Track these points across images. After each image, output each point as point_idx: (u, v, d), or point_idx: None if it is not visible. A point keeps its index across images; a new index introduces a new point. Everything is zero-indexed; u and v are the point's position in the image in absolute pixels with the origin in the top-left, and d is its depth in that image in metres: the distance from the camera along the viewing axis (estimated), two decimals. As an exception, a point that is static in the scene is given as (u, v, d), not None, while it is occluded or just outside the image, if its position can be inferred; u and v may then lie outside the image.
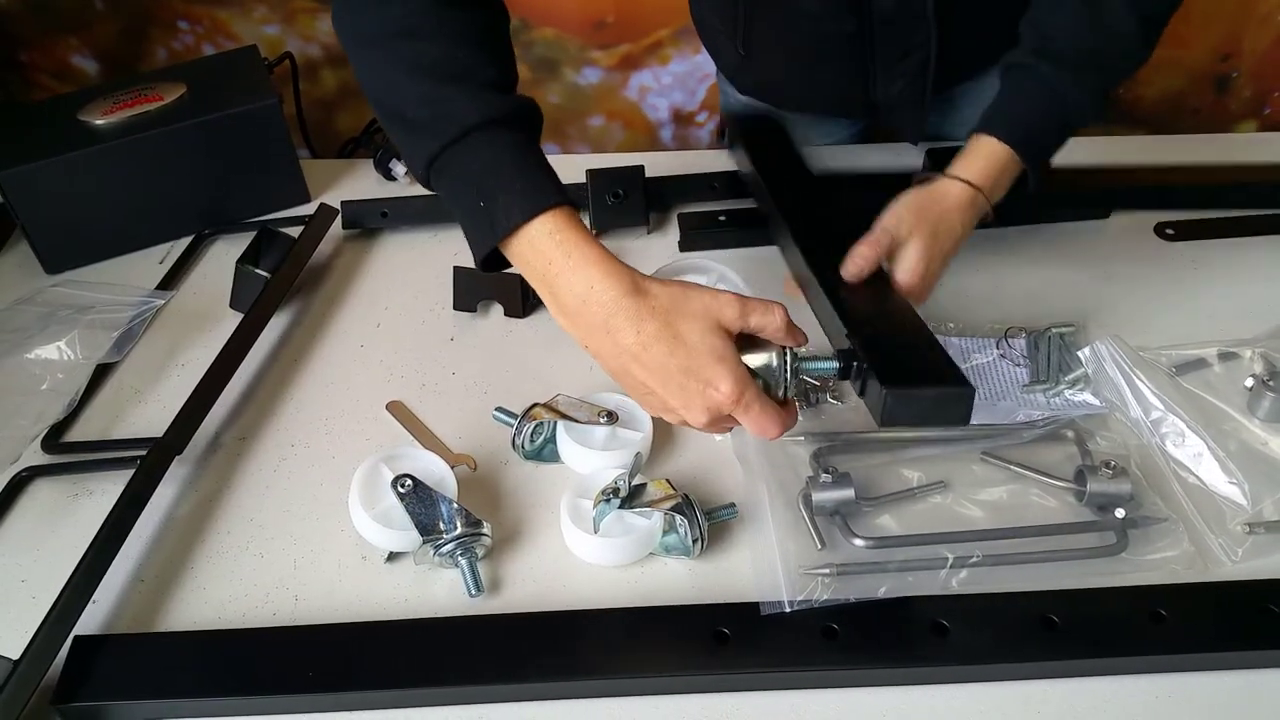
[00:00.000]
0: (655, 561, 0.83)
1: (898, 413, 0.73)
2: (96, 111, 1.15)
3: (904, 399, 0.72)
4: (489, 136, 0.74)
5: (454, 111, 0.74)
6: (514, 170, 0.75)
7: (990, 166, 0.90)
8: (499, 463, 0.91)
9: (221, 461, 0.93)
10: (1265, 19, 1.67)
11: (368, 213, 1.20)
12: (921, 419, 0.75)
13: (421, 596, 0.81)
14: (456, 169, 0.75)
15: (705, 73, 1.73)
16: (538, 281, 0.75)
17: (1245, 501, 0.84)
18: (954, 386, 0.73)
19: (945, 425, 0.76)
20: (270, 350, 1.04)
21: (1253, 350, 0.97)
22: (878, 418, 0.74)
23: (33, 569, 0.84)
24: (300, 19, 1.66)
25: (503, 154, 0.75)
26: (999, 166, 0.90)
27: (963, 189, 0.89)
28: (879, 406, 0.73)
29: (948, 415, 0.74)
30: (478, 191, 0.74)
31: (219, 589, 0.82)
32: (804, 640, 0.75)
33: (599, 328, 0.72)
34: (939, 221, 0.88)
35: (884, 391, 0.72)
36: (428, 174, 0.77)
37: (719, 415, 0.73)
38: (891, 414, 0.73)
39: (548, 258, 0.73)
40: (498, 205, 0.73)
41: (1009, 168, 0.91)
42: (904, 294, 0.86)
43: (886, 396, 0.72)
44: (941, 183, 0.91)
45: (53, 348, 0.99)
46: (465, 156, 0.75)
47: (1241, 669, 0.75)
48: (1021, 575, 0.79)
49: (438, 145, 0.75)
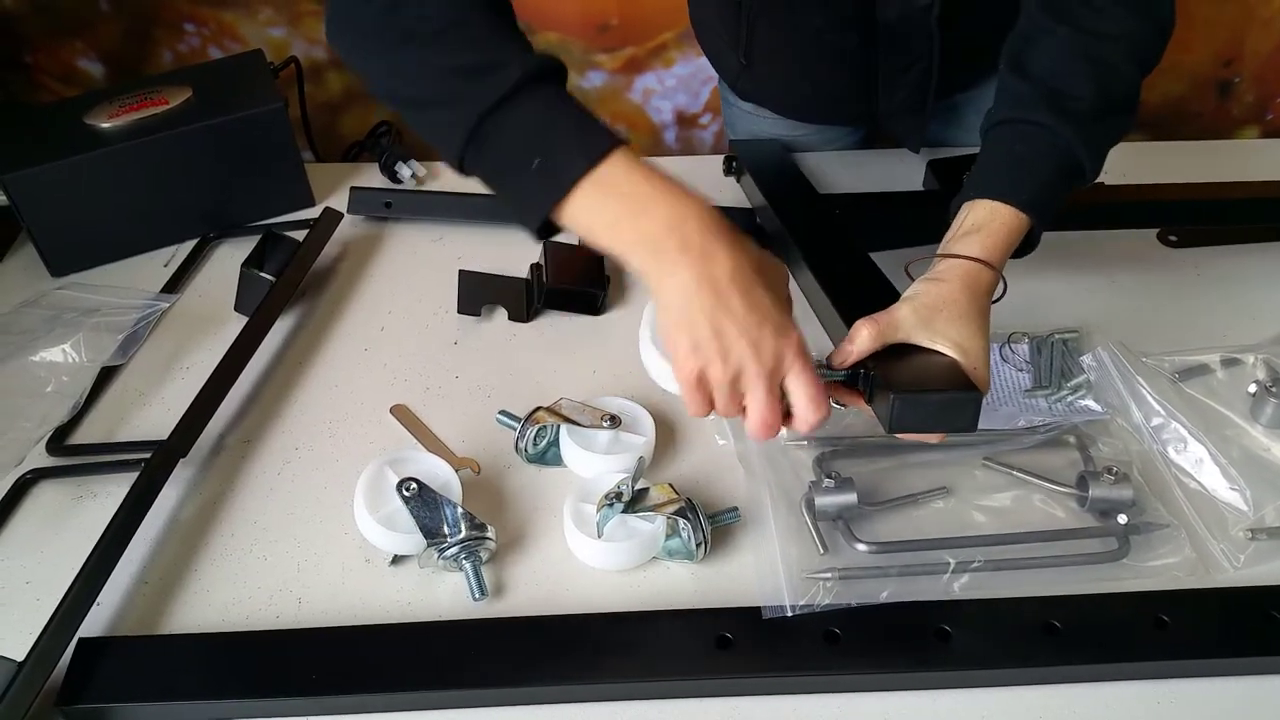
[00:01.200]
0: (658, 565, 0.83)
1: (906, 418, 0.73)
2: (102, 114, 1.15)
3: (912, 404, 0.72)
4: (534, 93, 0.71)
5: (496, 76, 0.71)
6: (569, 122, 0.72)
7: (1009, 242, 0.82)
8: (502, 466, 0.91)
9: (226, 464, 0.93)
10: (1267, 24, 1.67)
11: (372, 202, 1.21)
12: (930, 424, 0.74)
13: (425, 600, 0.81)
14: (503, 134, 0.72)
15: (709, 75, 1.73)
16: (611, 225, 0.70)
17: (1247, 507, 0.84)
18: (962, 392, 0.73)
19: (953, 430, 0.75)
20: (275, 353, 1.04)
21: (1255, 356, 0.97)
22: (886, 424, 0.73)
23: (37, 571, 0.84)
24: (306, 22, 1.66)
25: (552, 108, 0.72)
26: (1014, 237, 0.82)
27: (992, 275, 0.80)
28: (887, 412, 0.73)
29: (956, 420, 0.74)
30: (532, 149, 0.71)
31: (223, 591, 0.82)
32: (806, 645, 0.75)
33: (694, 252, 0.69)
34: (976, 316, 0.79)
35: (892, 397, 0.72)
36: (465, 150, 0.73)
37: (778, 368, 0.70)
38: (900, 419, 0.73)
39: (627, 194, 0.69)
40: (556, 159, 0.70)
41: (1020, 233, 0.82)
42: None
43: (895, 401, 0.72)
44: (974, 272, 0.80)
45: (58, 350, 0.99)
46: (512, 118, 0.71)
47: (1243, 675, 0.75)
48: (1023, 580, 0.80)
49: (485, 107, 0.71)
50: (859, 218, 1.11)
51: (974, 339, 0.77)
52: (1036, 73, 0.84)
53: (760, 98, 1.25)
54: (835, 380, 0.78)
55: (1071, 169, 0.83)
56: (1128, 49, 0.85)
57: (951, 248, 0.81)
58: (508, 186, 0.74)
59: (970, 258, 0.79)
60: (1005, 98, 0.86)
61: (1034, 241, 0.85)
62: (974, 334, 0.77)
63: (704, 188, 1.20)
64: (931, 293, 0.78)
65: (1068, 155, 0.83)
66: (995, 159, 0.85)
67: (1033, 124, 0.83)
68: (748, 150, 1.24)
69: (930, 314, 0.77)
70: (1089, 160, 0.83)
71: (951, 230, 0.83)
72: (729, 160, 1.25)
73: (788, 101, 1.24)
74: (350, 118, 1.76)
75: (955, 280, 0.79)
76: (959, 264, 0.80)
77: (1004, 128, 0.85)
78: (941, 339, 0.76)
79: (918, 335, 0.77)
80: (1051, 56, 0.85)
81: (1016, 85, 0.85)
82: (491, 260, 1.13)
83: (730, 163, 1.25)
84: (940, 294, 0.78)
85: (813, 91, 1.19)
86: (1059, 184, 0.83)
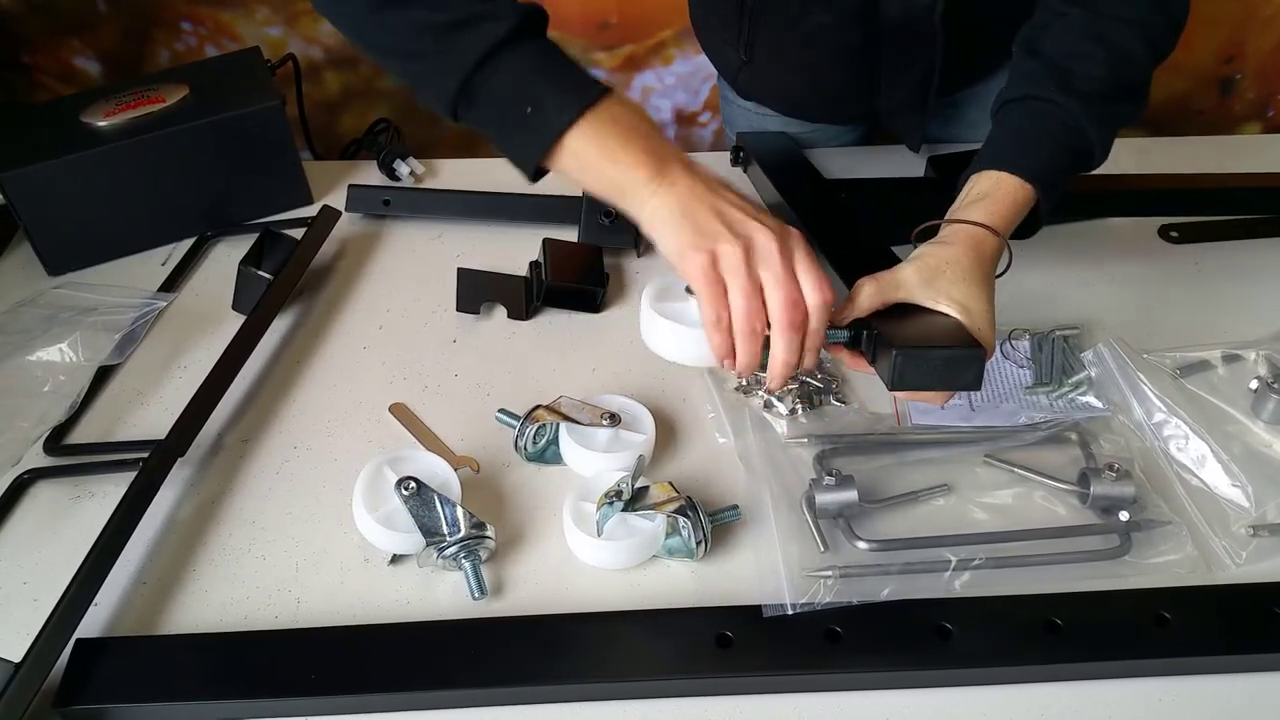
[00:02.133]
0: (658, 564, 0.83)
1: (908, 374, 0.73)
2: (99, 113, 1.15)
3: (915, 359, 0.73)
4: (522, 43, 0.76)
5: (485, 27, 0.75)
6: (558, 70, 0.76)
7: (1015, 212, 0.82)
8: (502, 465, 0.91)
9: (224, 464, 0.93)
10: (1269, 21, 1.66)
11: (371, 199, 1.21)
12: (932, 381, 0.74)
13: (424, 599, 0.81)
14: (497, 80, 0.76)
15: (708, 73, 1.73)
16: (606, 155, 0.75)
17: (1249, 504, 0.84)
18: (965, 348, 0.73)
19: (955, 389, 0.75)
20: (273, 352, 1.04)
21: (1257, 352, 0.97)
22: (889, 380, 0.74)
23: (34, 571, 0.84)
24: (303, 21, 1.65)
25: (541, 58, 0.76)
26: (1020, 208, 0.83)
27: (997, 242, 0.81)
28: (889, 368, 0.73)
29: (959, 378, 0.74)
30: (524, 97, 0.75)
31: (221, 591, 0.82)
32: (807, 643, 0.75)
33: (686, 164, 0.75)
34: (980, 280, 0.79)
35: (895, 353, 0.72)
36: (456, 101, 0.77)
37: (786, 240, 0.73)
38: (902, 375, 0.73)
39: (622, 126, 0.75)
40: (548, 105, 0.75)
41: (1026, 207, 0.83)
42: None
43: (897, 357, 0.72)
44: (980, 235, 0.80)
45: (55, 350, 0.99)
46: (504, 67, 0.75)
47: (1245, 672, 0.75)
48: (1025, 578, 0.79)
49: (476, 57, 0.75)
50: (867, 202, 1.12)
51: (978, 300, 0.77)
52: (1049, 52, 0.86)
53: (760, 95, 1.25)
54: (838, 341, 0.78)
55: (1079, 147, 0.84)
56: (1141, 35, 0.86)
57: (957, 214, 0.82)
58: (503, 134, 0.77)
59: (975, 223, 0.80)
60: (1016, 77, 0.87)
61: (1039, 219, 0.85)
62: (978, 295, 0.78)
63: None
64: (936, 254, 0.79)
65: (1076, 133, 0.83)
66: (1003, 134, 0.86)
67: (1042, 100, 0.84)
68: (756, 141, 1.25)
69: (933, 274, 0.78)
70: (1098, 139, 0.84)
71: (958, 200, 0.84)
72: (736, 150, 1.26)
73: (788, 99, 1.24)
74: (348, 116, 1.76)
75: (960, 243, 0.79)
76: (964, 228, 0.80)
77: (1014, 104, 0.86)
78: (945, 299, 0.77)
79: (920, 295, 0.78)
80: (1065, 37, 0.86)
81: (1029, 65, 0.86)
82: (490, 258, 1.13)
83: (737, 153, 1.26)
84: (944, 255, 0.79)
85: (814, 89, 1.19)
86: (1066, 161, 0.84)
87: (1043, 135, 0.84)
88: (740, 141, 1.26)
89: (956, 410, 0.93)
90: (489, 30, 0.75)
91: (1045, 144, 0.84)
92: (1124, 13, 0.85)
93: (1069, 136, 0.84)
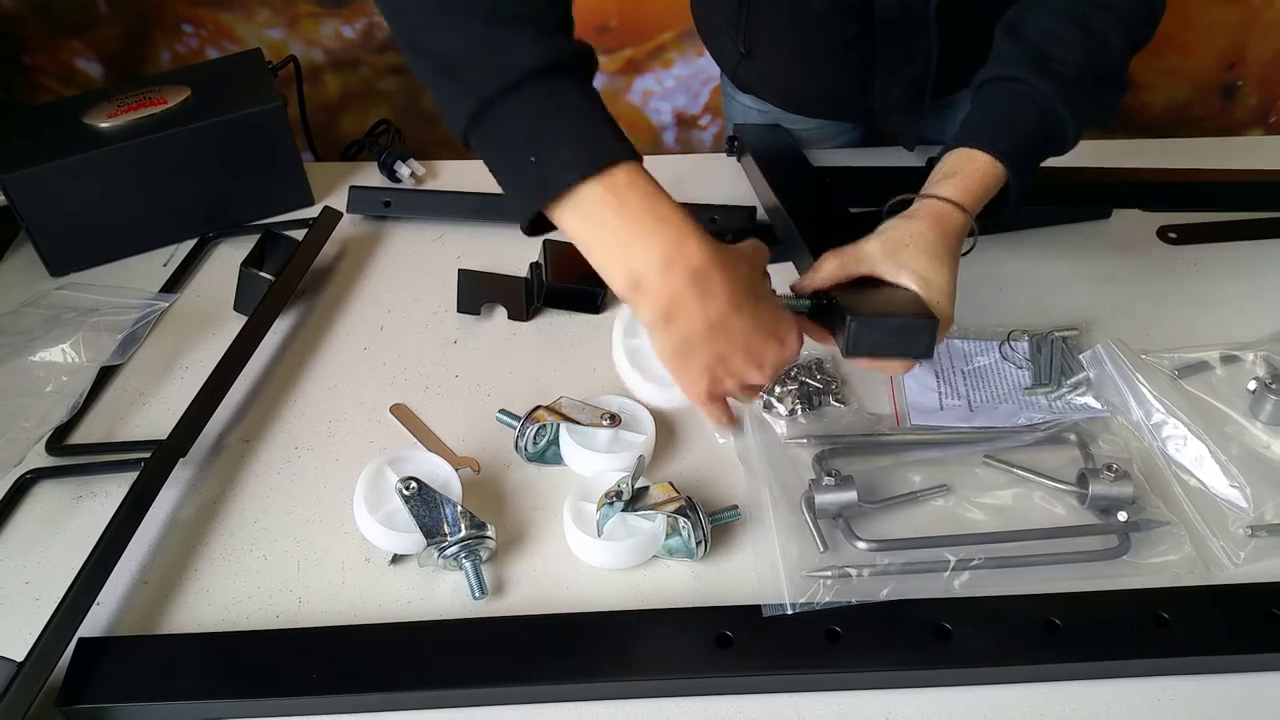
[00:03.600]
0: (658, 564, 0.83)
1: (862, 339, 0.76)
2: (101, 114, 1.15)
3: (868, 325, 0.75)
4: (544, 83, 0.66)
5: (512, 55, 0.66)
6: (574, 122, 0.67)
7: (984, 189, 0.83)
8: (502, 465, 0.91)
9: (225, 464, 0.93)
10: (1270, 27, 1.66)
11: (371, 200, 1.21)
12: (885, 348, 0.77)
13: (425, 599, 0.81)
14: (506, 120, 0.67)
15: (708, 76, 1.73)
16: (600, 245, 0.67)
17: (1247, 505, 0.84)
18: (918, 318, 0.76)
19: (909, 356, 0.78)
20: (274, 353, 1.04)
21: (1255, 353, 0.97)
22: (843, 346, 0.76)
23: (37, 571, 0.84)
24: (304, 23, 1.66)
25: (560, 104, 0.67)
26: (989, 186, 0.84)
27: (963, 218, 0.82)
28: (845, 335, 0.76)
29: (911, 345, 0.76)
30: (529, 144, 0.67)
31: (223, 591, 0.82)
32: (807, 643, 0.75)
33: (687, 293, 0.66)
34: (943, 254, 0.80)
35: (849, 318, 0.75)
36: (469, 126, 0.68)
37: (780, 367, 0.75)
38: (856, 341, 0.76)
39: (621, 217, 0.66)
40: (550, 160, 0.66)
41: (995, 186, 0.84)
42: None
43: (851, 323, 0.75)
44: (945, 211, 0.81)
45: (57, 350, 0.99)
46: (519, 104, 0.66)
47: (1243, 672, 0.75)
48: (1024, 578, 0.79)
49: (490, 91, 0.66)
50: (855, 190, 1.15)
51: (939, 273, 0.79)
52: (1028, 34, 0.87)
53: (759, 90, 1.26)
54: (800, 310, 0.80)
55: (1051, 128, 0.86)
56: (1120, 23, 0.87)
57: (927, 190, 0.84)
58: (504, 175, 0.70)
59: (942, 198, 0.82)
60: (996, 59, 0.89)
61: (1009, 199, 0.86)
62: (939, 269, 0.79)
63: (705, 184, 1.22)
64: (901, 228, 0.81)
65: (1049, 114, 0.85)
66: (978, 113, 0.88)
67: (1016, 80, 0.86)
68: (751, 133, 1.27)
69: (897, 247, 0.80)
70: (1071, 123, 0.85)
71: (931, 176, 0.86)
72: (731, 141, 1.29)
73: (785, 93, 1.24)
74: (349, 117, 1.76)
75: (926, 217, 0.81)
76: (931, 202, 0.82)
77: (989, 85, 0.88)
78: (906, 272, 0.79)
79: (883, 267, 0.79)
80: (1045, 19, 0.87)
81: (1008, 47, 0.88)
82: (491, 259, 1.13)
83: (733, 143, 1.29)
84: (909, 229, 0.81)
85: (811, 83, 1.19)
86: (1039, 142, 0.86)
87: (1016, 115, 0.85)
88: (736, 133, 1.29)
89: (955, 411, 0.94)
90: (517, 57, 0.66)
91: (1019, 124, 0.85)
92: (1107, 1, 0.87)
93: (1042, 118, 0.85)
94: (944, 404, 0.94)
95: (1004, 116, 0.86)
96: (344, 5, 1.62)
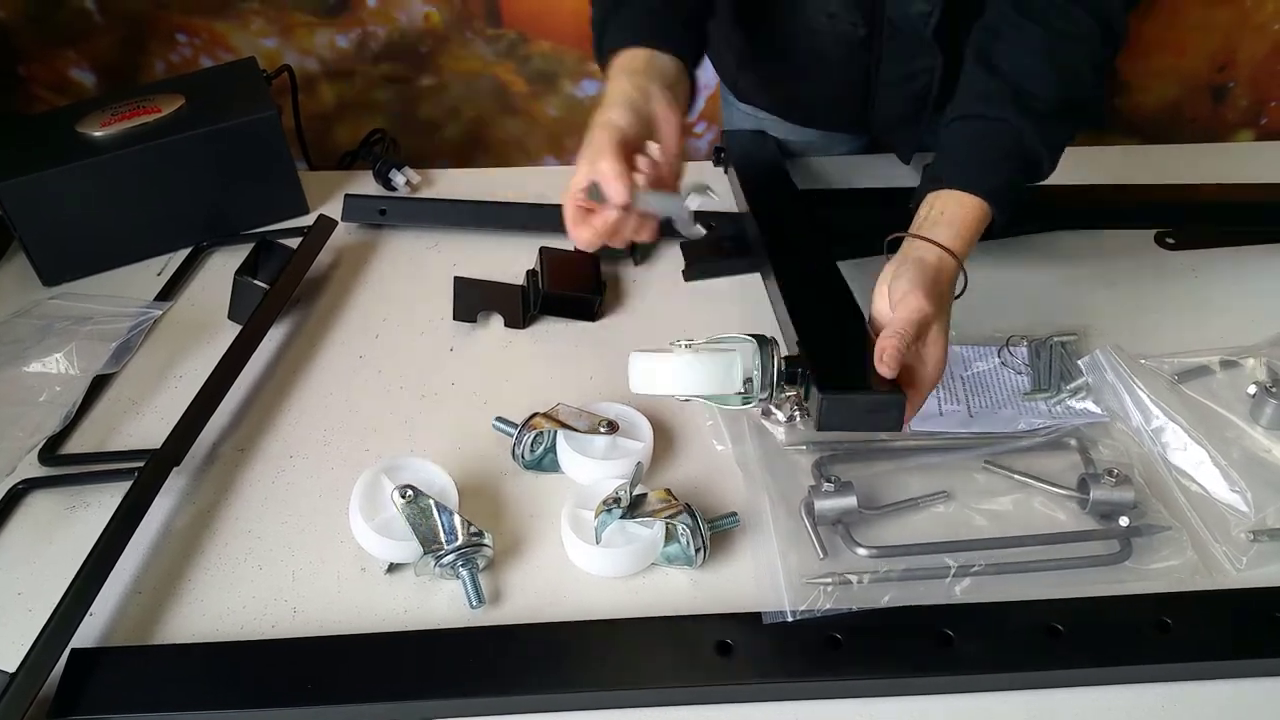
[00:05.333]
0: (657, 572, 0.82)
1: (832, 417, 0.76)
2: (95, 123, 1.15)
3: (838, 404, 0.76)
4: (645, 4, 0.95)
5: None
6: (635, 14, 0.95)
7: (975, 234, 0.85)
8: (499, 473, 0.91)
9: (220, 473, 0.92)
10: (1261, 28, 1.67)
11: (366, 208, 1.21)
12: (855, 424, 0.78)
13: (422, 608, 0.80)
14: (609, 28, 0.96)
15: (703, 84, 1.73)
16: None
17: (1248, 509, 0.84)
18: (887, 395, 0.76)
19: (879, 430, 0.81)
20: (269, 361, 1.04)
21: (1255, 358, 0.97)
22: (815, 422, 0.77)
23: (29, 581, 0.83)
24: (298, 32, 1.65)
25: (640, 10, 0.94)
26: (979, 230, 0.86)
27: (954, 265, 0.83)
28: (816, 410, 0.76)
29: (880, 421, 0.77)
30: None
31: (217, 601, 0.81)
32: (807, 650, 0.75)
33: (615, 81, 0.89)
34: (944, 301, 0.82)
35: (820, 397, 0.76)
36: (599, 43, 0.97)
37: None
38: (827, 418, 0.76)
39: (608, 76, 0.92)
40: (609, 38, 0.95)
41: (983, 227, 0.86)
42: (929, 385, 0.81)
43: (822, 401, 0.76)
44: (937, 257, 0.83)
45: (50, 360, 0.98)
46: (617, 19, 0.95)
47: (1247, 677, 0.75)
48: (1025, 584, 0.79)
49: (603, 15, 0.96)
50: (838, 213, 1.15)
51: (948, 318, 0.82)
52: (1006, 70, 0.89)
53: (759, 98, 1.25)
54: None
55: (1031, 166, 0.88)
56: (1089, 54, 0.89)
57: (920, 229, 0.85)
58: None
59: (940, 245, 0.83)
60: (972, 92, 0.90)
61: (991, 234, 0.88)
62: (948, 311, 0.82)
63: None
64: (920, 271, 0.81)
65: (1032, 153, 0.87)
66: (963, 151, 0.89)
67: (1000, 120, 0.87)
68: (737, 143, 1.25)
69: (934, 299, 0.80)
70: (1048, 158, 0.88)
71: (921, 215, 0.87)
72: (718, 151, 1.27)
73: (786, 102, 1.23)
74: (343, 126, 1.75)
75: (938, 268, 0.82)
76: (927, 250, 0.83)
77: (972, 121, 0.89)
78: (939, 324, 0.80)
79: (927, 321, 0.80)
80: (1020, 54, 0.89)
81: (985, 81, 0.89)
82: (487, 267, 1.12)
83: (719, 154, 1.27)
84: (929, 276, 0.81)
85: (812, 88, 1.18)
86: (1020, 181, 0.88)
87: (1002, 156, 0.87)
88: (722, 142, 1.27)
89: (955, 416, 0.93)
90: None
91: (1004, 166, 0.87)
92: (1074, 30, 0.88)
93: (1025, 156, 0.87)
94: (943, 409, 0.94)
95: (989, 158, 0.87)
96: (338, 14, 1.62)
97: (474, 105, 1.75)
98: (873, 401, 0.76)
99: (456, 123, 1.77)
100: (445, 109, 1.75)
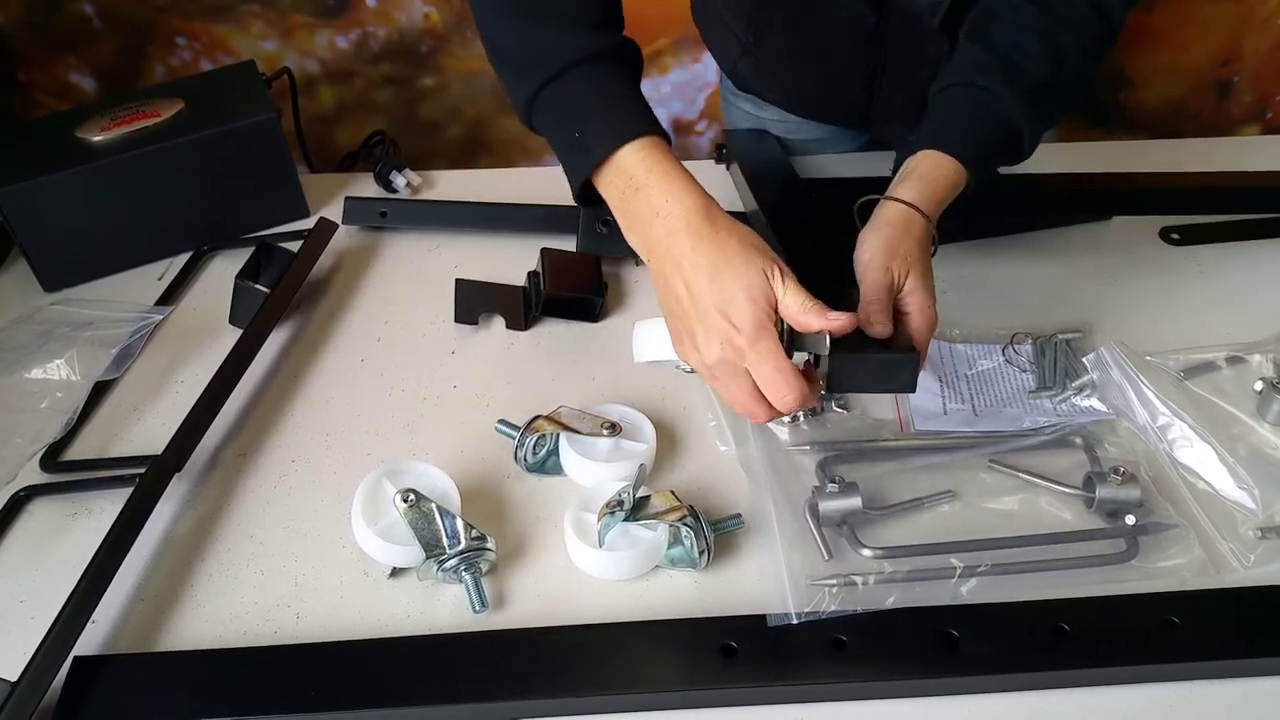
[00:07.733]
0: (661, 574, 0.82)
1: (845, 375, 0.77)
2: (94, 128, 1.14)
3: (851, 362, 0.77)
4: (587, 72, 0.81)
5: (554, 49, 0.81)
6: (607, 101, 0.81)
7: (946, 194, 0.85)
8: (501, 476, 0.90)
9: (221, 478, 0.92)
10: (1265, 23, 1.66)
11: (367, 211, 1.21)
12: (868, 383, 0.79)
13: (425, 613, 0.80)
14: (555, 104, 0.82)
15: (705, 81, 1.73)
16: (620, 206, 0.80)
17: (1256, 506, 0.83)
18: (900, 353, 0.77)
19: (891, 390, 0.80)
20: (270, 366, 1.03)
21: (1262, 354, 0.96)
22: (827, 383, 0.77)
23: (31, 589, 0.83)
24: (298, 35, 1.65)
25: (598, 87, 0.81)
26: (951, 191, 0.85)
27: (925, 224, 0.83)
28: (827, 369, 0.77)
29: (893, 380, 0.78)
30: (573, 123, 0.81)
31: (219, 607, 0.81)
32: (812, 652, 0.74)
33: (662, 239, 0.77)
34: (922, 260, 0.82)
35: (832, 354, 0.76)
36: (530, 112, 0.84)
37: (730, 354, 0.75)
38: (839, 376, 0.77)
39: (631, 177, 0.78)
40: (590, 134, 0.80)
41: (958, 188, 0.86)
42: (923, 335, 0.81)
43: (834, 359, 0.76)
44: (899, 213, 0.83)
45: (51, 366, 0.98)
46: (564, 91, 0.81)
47: (1256, 676, 0.74)
48: (1031, 584, 0.79)
49: (539, 81, 0.81)
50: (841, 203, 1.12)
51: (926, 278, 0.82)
52: (998, 44, 0.89)
53: (760, 87, 1.24)
54: None
55: (1010, 140, 0.88)
56: (1082, 42, 0.90)
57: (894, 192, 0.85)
58: (559, 151, 0.84)
59: (906, 202, 0.83)
60: (962, 64, 0.90)
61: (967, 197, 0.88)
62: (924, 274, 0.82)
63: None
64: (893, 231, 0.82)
65: (1013, 124, 0.87)
66: (945, 116, 0.89)
67: (985, 89, 0.87)
68: (739, 140, 1.26)
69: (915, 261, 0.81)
70: (1028, 133, 0.88)
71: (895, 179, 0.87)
72: (720, 149, 1.27)
73: (787, 90, 1.22)
74: (344, 129, 1.75)
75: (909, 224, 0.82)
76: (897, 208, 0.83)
77: (958, 89, 0.89)
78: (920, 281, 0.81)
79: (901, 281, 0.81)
80: (1014, 32, 0.89)
81: (975, 52, 0.90)
82: (488, 269, 1.12)
83: (721, 150, 1.27)
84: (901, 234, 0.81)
85: (815, 79, 1.17)
86: (998, 151, 0.89)
87: (982, 122, 0.88)
88: (724, 140, 1.27)
89: (959, 415, 0.93)
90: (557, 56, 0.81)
91: (984, 131, 0.88)
92: (1071, 16, 0.89)
93: (1006, 127, 0.88)
94: (948, 408, 0.93)
95: (970, 122, 0.88)
96: (338, 16, 1.62)
97: (474, 105, 1.75)
98: (885, 359, 0.77)
99: (457, 123, 1.77)
100: (446, 109, 1.75)
